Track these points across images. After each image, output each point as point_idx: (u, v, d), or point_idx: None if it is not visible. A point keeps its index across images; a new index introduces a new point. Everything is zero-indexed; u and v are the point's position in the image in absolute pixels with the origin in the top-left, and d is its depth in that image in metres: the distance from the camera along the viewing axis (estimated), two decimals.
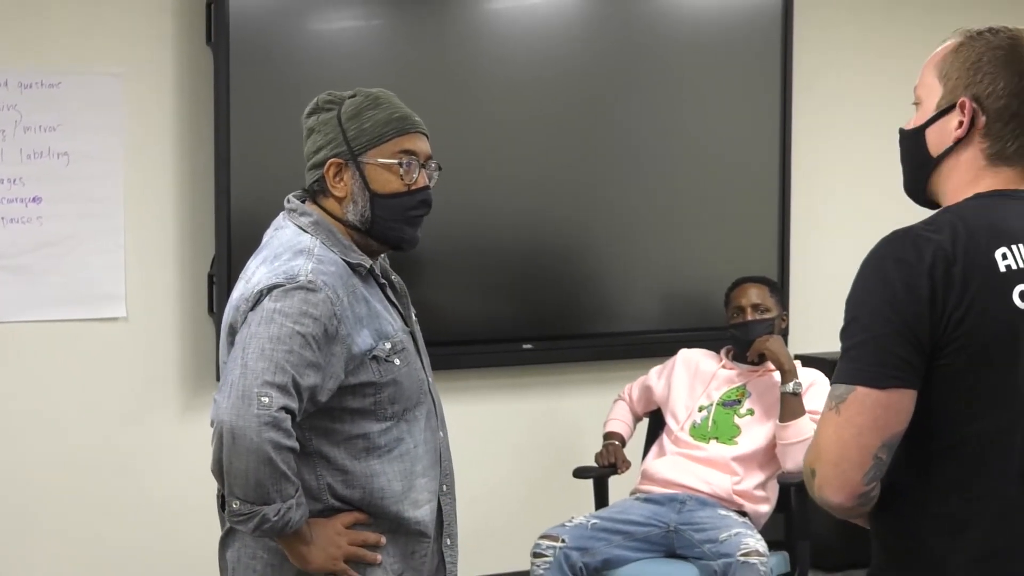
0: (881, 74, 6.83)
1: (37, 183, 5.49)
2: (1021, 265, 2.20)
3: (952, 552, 2.22)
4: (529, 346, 6.17)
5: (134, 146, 5.63)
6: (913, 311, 2.16)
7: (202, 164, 5.68)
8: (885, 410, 2.17)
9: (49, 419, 5.58)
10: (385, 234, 3.02)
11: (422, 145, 3.05)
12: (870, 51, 6.92)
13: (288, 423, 2.77)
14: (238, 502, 2.79)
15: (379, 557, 2.98)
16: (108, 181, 5.59)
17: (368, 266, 3.01)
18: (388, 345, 2.96)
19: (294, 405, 2.79)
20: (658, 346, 6.01)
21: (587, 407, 6.05)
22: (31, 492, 5.56)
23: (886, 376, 2.17)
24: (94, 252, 5.59)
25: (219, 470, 2.81)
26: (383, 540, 2.99)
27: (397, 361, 2.98)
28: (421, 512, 3.04)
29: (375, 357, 2.93)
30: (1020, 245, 2.22)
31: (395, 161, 2.99)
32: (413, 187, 3.01)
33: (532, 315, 6.24)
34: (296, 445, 2.81)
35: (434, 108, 5.78)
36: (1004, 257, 2.20)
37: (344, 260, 2.96)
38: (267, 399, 2.74)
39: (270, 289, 2.85)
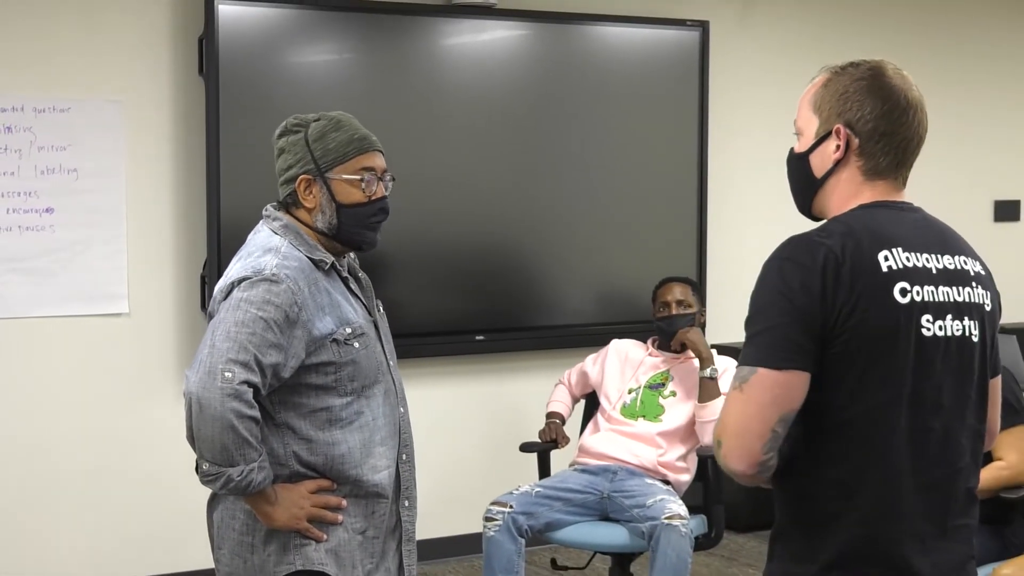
0: (786, 101, 6.84)
1: (50, 196, 5.47)
2: (899, 266, 2.23)
3: (843, 513, 2.24)
4: (481, 337, 6.19)
5: (134, 163, 5.62)
6: (807, 305, 2.18)
7: (195, 178, 5.67)
8: (783, 389, 2.18)
9: (61, 401, 5.57)
10: (350, 238, 3.05)
11: (379, 161, 3.07)
12: (776, 81, 6.97)
13: (249, 395, 2.81)
14: (207, 464, 2.83)
15: (340, 518, 3.00)
16: (112, 194, 5.58)
17: (330, 262, 3.03)
18: (348, 330, 2.98)
19: (256, 379, 2.82)
20: (593, 337, 6.02)
21: (531, 390, 6.07)
22: (46, 464, 5.55)
23: (784, 359, 2.18)
24: (100, 256, 5.57)
25: (190, 436, 2.85)
26: (344, 503, 3.00)
27: (356, 344, 2.99)
28: (379, 476, 3.04)
29: (335, 340, 2.96)
30: (899, 249, 2.24)
31: (358, 177, 3.01)
32: (373, 197, 3.04)
33: (483, 310, 6.26)
34: (257, 415, 2.84)
35: (396, 128, 5.83)
36: (886, 259, 2.22)
37: (308, 257, 2.99)
38: (230, 374, 2.78)
39: (239, 281, 2.89)
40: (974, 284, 2.32)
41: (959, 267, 2.32)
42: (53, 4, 5.47)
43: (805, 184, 2.39)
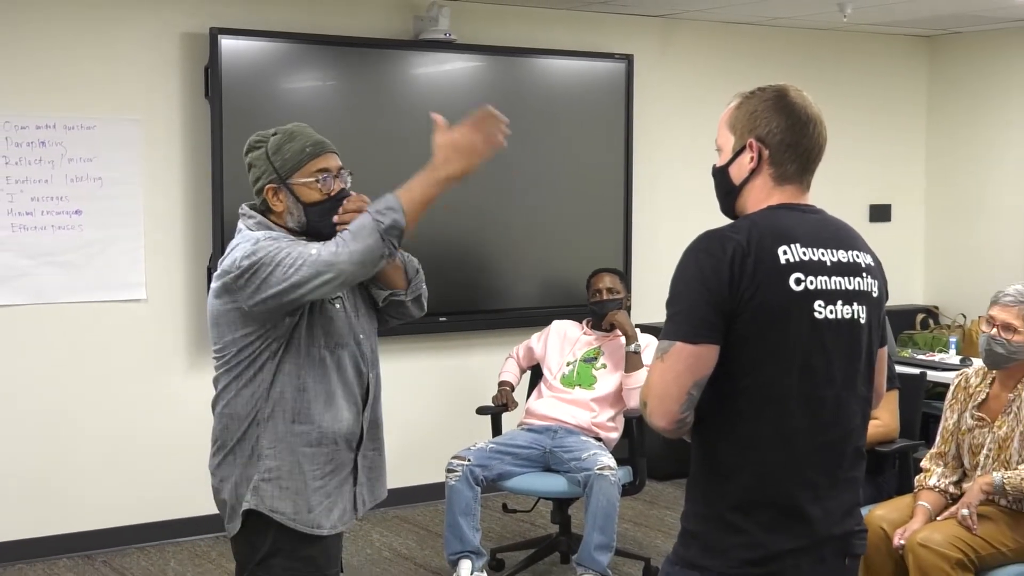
0: (698, 122, 6.90)
1: (78, 200, 5.42)
2: (796, 259, 2.23)
3: (742, 465, 2.26)
4: (443, 318, 6.17)
5: (150, 172, 5.58)
6: (718, 289, 2.19)
7: (201, 185, 5.64)
8: (695, 359, 2.19)
9: (88, 375, 5.52)
10: (319, 231, 2.93)
11: (332, 161, 2.98)
12: (690, 104, 6.99)
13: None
14: (389, 246, 2.97)
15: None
16: (131, 198, 5.53)
17: None
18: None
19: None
20: (537, 318, 6.02)
21: (486, 363, 6.06)
22: (74, 428, 5.51)
23: (697, 334, 2.19)
24: (121, 251, 5.53)
25: (359, 261, 2.83)
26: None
27: (337, 305, 2.95)
28: (339, 426, 2.92)
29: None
30: (797, 244, 2.25)
31: (314, 179, 2.93)
32: (331, 193, 2.96)
33: (445, 296, 6.21)
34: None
35: (369, 141, 5.82)
36: (784, 253, 2.23)
37: None
38: (315, 250, 2.78)
39: (243, 258, 2.81)
40: (864, 274, 2.33)
41: (852, 260, 2.32)
42: (81, 39, 5.43)
43: (727, 191, 2.39)
